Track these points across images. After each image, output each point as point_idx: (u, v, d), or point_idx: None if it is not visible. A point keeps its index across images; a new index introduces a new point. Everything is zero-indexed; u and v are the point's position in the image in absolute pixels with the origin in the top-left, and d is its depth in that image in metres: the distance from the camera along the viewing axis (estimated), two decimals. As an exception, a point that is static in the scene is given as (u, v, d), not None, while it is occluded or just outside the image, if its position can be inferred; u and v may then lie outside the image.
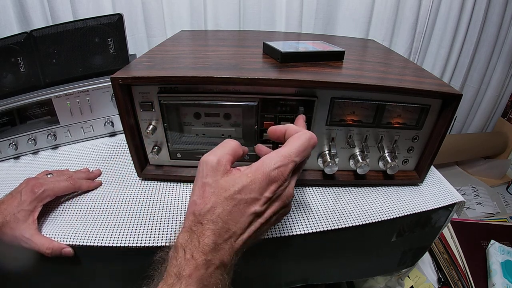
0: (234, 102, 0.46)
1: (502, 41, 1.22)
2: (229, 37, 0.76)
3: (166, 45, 0.63)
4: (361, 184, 0.54)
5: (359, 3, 0.97)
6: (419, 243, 0.57)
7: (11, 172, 0.57)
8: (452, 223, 1.02)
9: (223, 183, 0.31)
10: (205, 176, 0.32)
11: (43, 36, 0.56)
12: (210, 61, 0.51)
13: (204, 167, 0.32)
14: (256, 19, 0.95)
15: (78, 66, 0.60)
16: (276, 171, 0.31)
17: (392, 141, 0.50)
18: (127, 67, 0.47)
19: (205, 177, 0.32)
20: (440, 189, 0.54)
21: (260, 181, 0.31)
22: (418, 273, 0.93)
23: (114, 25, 0.60)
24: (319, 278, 0.57)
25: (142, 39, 0.93)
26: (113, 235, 0.43)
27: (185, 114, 0.48)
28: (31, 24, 0.81)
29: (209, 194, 0.30)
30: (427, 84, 0.46)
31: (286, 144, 0.34)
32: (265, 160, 0.32)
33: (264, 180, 0.31)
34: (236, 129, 0.49)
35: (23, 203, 0.41)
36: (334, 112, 0.47)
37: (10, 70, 0.56)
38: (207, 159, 0.32)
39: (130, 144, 0.48)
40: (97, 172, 0.55)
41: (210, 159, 0.32)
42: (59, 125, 0.61)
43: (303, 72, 0.47)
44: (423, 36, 1.08)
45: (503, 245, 0.93)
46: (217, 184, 0.31)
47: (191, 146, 0.51)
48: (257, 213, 0.31)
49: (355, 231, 0.47)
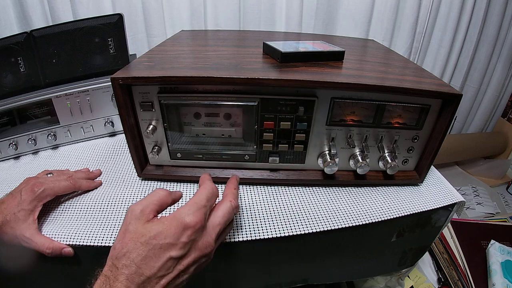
0: (234, 102, 0.46)
1: (502, 41, 1.22)
2: (229, 37, 0.76)
3: (166, 45, 0.63)
4: (361, 184, 0.54)
5: (359, 3, 0.97)
6: (419, 243, 0.57)
7: (11, 172, 0.57)
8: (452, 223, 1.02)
9: (142, 230, 0.32)
10: (128, 224, 0.33)
11: (43, 36, 0.56)
12: (210, 61, 0.51)
13: (129, 215, 0.34)
14: (256, 19, 0.95)
15: (78, 66, 0.60)
16: (190, 216, 0.33)
17: (392, 141, 0.50)
18: (127, 67, 0.47)
19: (127, 225, 0.33)
20: (440, 189, 0.54)
21: (175, 227, 0.32)
22: (418, 273, 0.93)
23: (114, 25, 0.60)
24: (319, 278, 0.57)
25: (142, 39, 0.93)
26: (113, 235, 0.43)
27: (185, 114, 0.48)
28: (31, 24, 0.81)
29: (128, 240, 0.32)
30: (427, 84, 0.46)
31: (195, 195, 0.36)
32: (180, 209, 0.34)
33: (179, 226, 0.32)
34: (236, 129, 0.49)
35: (23, 203, 0.41)
36: (334, 112, 0.47)
37: (10, 70, 0.56)
38: (132, 208, 0.34)
39: (130, 144, 0.48)
40: (97, 172, 0.55)
41: (135, 208, 0.34)
42: (59, 125, 0.61)
43: (303, 72, 0.47)
44: (423, 36, 1.08)
45: (503, 245, 0.93)
46: (137, 230, 0.32)
47: (191, 146, 0.51)
48: (173, 258, 0.31)
49: (355, 231, 0.47)
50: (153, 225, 0.32)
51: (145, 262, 0.30)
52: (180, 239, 0.32)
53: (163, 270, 0.31)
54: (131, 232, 0.32)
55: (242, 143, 0.50)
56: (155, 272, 0.30)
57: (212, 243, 0.35)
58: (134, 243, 0.31)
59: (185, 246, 0.32)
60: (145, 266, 0.30)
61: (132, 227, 0.32)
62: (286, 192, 0.52)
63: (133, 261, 0.30)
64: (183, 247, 0.32)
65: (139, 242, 0.31)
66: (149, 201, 0.35)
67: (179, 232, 0.32)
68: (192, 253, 0.33)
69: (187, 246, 0.32)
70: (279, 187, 0.53)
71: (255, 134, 0.48)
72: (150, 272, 0.30)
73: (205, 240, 0.34)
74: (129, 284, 0.29)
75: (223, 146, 0.51)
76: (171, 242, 0.31)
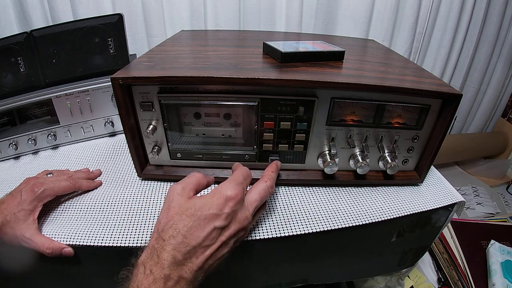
0: (234, 102, 0.46)
1: (502, 41, 1.22)
2: (229, 37, 0.76)
3: (166, 45, 0.63)
4: (361, 184, 0.54)
5: (359, 3, 0.97)
6: (419, 243, 0.57)
7: (11, 172, 0.57)
8: (452, 223, 1.02)
9: (186, 204, 0.35)
10: (171, 200, 0.36)
11: (43, 36, 0.56)
12: (210, 61, 0.51)
13: (171, 193, 0.36)
14: (256, 19, 0.95)
15: (78, 66, 0.60)
16: (231, 189, 0.35)
17: (392, 141, 0.50)
18: (127, 67, 0.47)
19: (170, 201, 0.35)
20: (440, 189, 0.54)
21: (218, 198, 0.35)
22: (418, 273, 0.93)
23: (114, 25, 0.60)
24: (319, 278, 0.57)
25: (142, 39, 0.93)
26: (113, 235, 0.43)
27: (185, 114, 0.48)
28: (31, 24, 0.81)
29: (173, 213, 0.34)
30: (427, 84, 0.46)
31: (232, 175, 0.39)
32: (220, 185, 0.37)
33: (222, 198, 0.35)
34: (236, 129, 0.49)
35: (23, 203, 0.41)
36: (334, 112, 0.47)
37: (10, 70, 0.56)
38: (174, 187, 0.37)
39: (130, 144, 0.48)
40: (97, 172, 0.55)
41: (176, 187, 0.37)
42: (59, 125, 0.61)
43: (303, 72, 0.47)
44: (423, 36, 1.08)
45: (503, 245, 0.93)
46: (181, 205, 0.35)
47: (192, 146, 0.51)
48: (217, 228, 0.34)
49: (355, 231, 0.47)
50: (196, 200, 0.35)
51: (191, 232, 0.32)
52: (223, 210, 0.34)
53: (207, 240, 0.33)
54: (175, 207, 0.34)
55: (242, 143, 0.50)
56: (200, 242, 0.32)
57: (249, 217, 0.37)
58: (179, 216, 0.33)
59: (228, 217, 0.34)
60: (191, 236, 0.32)
61: (175, 203, 0.35)
62: (286, 192, 0.52)
63: (179, 231, 0.32)
64: (226, 218, 0.34)
65: (184, 214, 0.33)
66: (188, 181, 0.38)
67: (222, 203, 0.34)
68: (233, 225, 0.35)
69: (229, 217, 0.34)
70: (279, 187, 0.53)
71: (255, 134, 0.48)
72: (196, 242, 0.32)
73: (244, 213, 0.36)
74: (175, 254, 0.31)
75: (223, 146, 0.51)
76: (215, 213, 0.34)
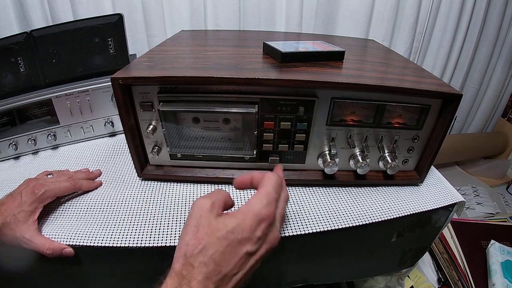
0: (234, 104, 0.46)
1: (502, 41, 1.22)
2: (229, 37, 0.76)
3: (166, 45, 0.63)
4: (361, 184, 0.54)
5: (359, 3, 0.97)
6: (419, 243, 0.57)
7: (11, 172, 0.57)
8: (452, 223, 1.02)
9: (216, 224, 0.31)
10: (199, 218, 0.32)
11: (43, 36, 0.56)
12: (210, 61, 0.51)
13: (198, 208, 0.32)
14: (256, 19, 0.95)
15: (78, 66, 0.60)
16: (265, 209, 0.32)
17: (392, 141, 0.50)
18: (127, 67, 0.47)
19: (199, 218, 0.32)
20: (440, 189, 0.54)
21: (251, 219, 0.31)
22: (418, 273, 0.93)
23: (114, 25, 0.60)
24: (319, 278, 0.57)
25: (142, 39, 0.93)
26: (113, 235, 0.43)
27: (183, 119, 0.48)
28: (31, 24, 0.81)
29: (203, 235, 0.30)
30: (427, 84, 0.46)
31: (261, 186, 0.35)
32: (252, 201, 0.33)
33: (255, 219, 0.31)
34: (235, 132, 0.49)
35: (24, 204, 0.41)
36: (334, 112, 0.47)
37: (10, 70, 0.56)
38: (201, 202, 0.33)
39: (130, 144, 0.48)
40: (97, 172, 0.55)
41: (204, 202, 0.33)
42: (59, 125, 0.61)
43: (303, 72, 0.47)
44: (423, 36, 1.08)
45: (503, 245, 0.93)
46: (210, 224, 0.31)
47: (192, 150, 0.51)
48: (249, 253, 0.31)
49: (355, 231, 0.47)
50: (227, 219, 0.31)
51: (223, 258, 0.30)
52: (255, 233, 0.31)
53: (238, 266, 0.30)
54: (205, 226, 0.31)
55: (240, 147, 0.50)
56: (231, 269, 0.30)
57: (279, 236, 0.34)
58: (210, 237, 0.30)
59: (259, 241, 0.31)
60: (223, 263, 0.30)
61: (204, 221, 0.31)
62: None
63: (211, 257, 0.29)
64: (257, 242, 0.31)
65: (215, 236, 0.30)
66: (218, 197, 0.34)
67: (255, 225, 0.31)
68: (263, 248, 0.32)
69: (260, 240, 0.32)
70: (279, 187, 0.53)
71: (255, 138, 0.48)
72: (227, 269, 0.30)
73: (274, 233, 0.33)
74: (207, 283, 0.29)
75: (223, 150, 0.51)
76: (248, 237, 0.31)
